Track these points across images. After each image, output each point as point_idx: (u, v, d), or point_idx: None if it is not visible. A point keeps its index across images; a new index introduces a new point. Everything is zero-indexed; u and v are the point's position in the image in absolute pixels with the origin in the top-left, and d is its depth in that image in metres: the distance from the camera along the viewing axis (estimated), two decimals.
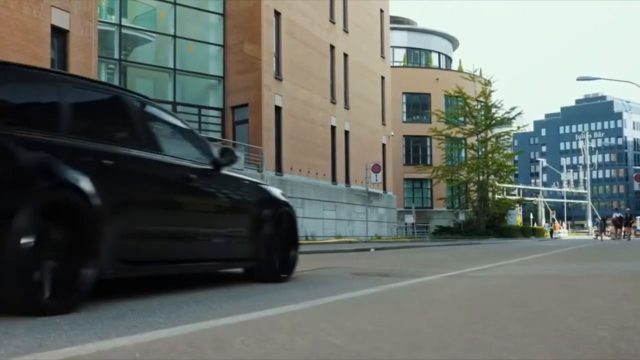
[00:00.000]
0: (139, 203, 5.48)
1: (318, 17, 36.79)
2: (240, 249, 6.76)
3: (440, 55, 69.60)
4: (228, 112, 32.37)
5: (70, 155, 4.74)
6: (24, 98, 4.96)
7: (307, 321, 3.82)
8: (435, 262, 12.61)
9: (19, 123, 4.57)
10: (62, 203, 4.45)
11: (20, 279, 4.05)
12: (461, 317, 3.90)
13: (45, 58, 20.17)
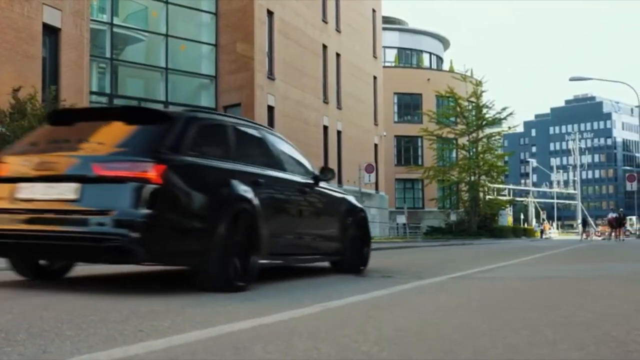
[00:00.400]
0: (278, 210, 7.17)
1: (311, 17, 36.62)
2: (333, 246, 8.45)
3: (432, 56, 69.57)
4: (220, 111, 32.10)
5: (243, 176, 6.45)
6: (210, 136, 6.60)
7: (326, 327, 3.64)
8: (435, 263, 12.46)
9: (210, 154, 6.35)
10: (241, 212, 6.17)
11: (221, 267, 5.79)
12: (486, 321, 3.74)
13: (36, 56, 19.92)
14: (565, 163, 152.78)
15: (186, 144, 6.02)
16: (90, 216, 5.45)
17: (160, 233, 5.51)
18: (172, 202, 5.69)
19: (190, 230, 5.83)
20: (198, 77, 32.70)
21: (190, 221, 5.85)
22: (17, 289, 5.86)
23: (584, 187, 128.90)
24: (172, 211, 5.69)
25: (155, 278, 7.02)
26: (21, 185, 5.73)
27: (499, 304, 4.75)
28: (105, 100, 28.61)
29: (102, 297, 5.33)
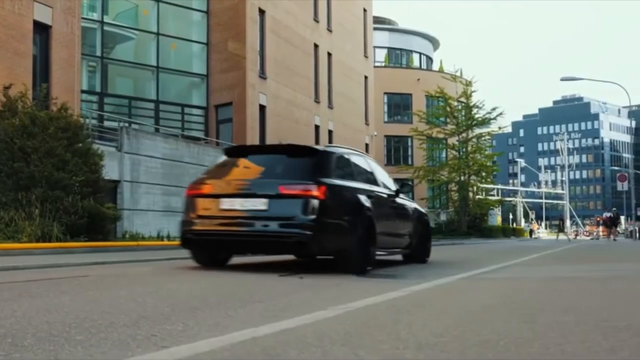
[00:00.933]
0: (380, 215, 9.39)
1: (302, 16, 36.40)
2: (407, 241, 11.15)
3: (421, 56, 69.49)
4: (211, 110, 31.85)
5: (363, 192, 9.16)
6: (342, 163, 9.26)
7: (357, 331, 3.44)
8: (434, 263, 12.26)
9: (344, 176, 9.00)
10: (368, 218, 8.84)
11: (360, 256, 8.42)
12: (525, 325, 3.55)
13: (27, 54, 19.60)
14: (553, 163, 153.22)
15: (331, 170, 8.74)
16: (277, 221, 8.00)
17: (324, 233, 8.04)
18: (330, 211, 8.14)
19: (341, 230, 8.37)
20: (189, 76, 32.39)
21: (341, 224, 8.41)
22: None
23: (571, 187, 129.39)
24: (330, 217, 8.17)
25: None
26: (224, 200, 8.34)
27: (526, 306, 4.55)
28: (96, 98, 28.29)
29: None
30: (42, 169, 15.17)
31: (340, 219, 8.41)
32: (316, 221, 7.91)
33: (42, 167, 15.18)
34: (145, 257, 12.98)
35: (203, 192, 8.77)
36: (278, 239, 8.10)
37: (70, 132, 16.13)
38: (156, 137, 24.64)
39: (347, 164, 9.47)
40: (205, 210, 8.61)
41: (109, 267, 10.10)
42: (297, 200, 8.00)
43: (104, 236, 16.27)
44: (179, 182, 24.96)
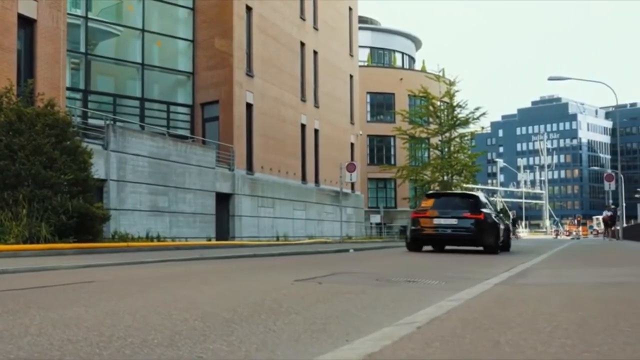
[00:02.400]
0: (503, 227, 19.01)
1: (289, 13, 35.94)
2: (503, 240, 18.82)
3: (404, 56, 69.22)
4: (197, 108, 31.28)
5: (495, 216, 19.02)
6: (485, 200, 19.71)
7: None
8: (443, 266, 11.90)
9: (487, 206, 19.15)
10: (497, 229, 18.08)
11: (496, 246, 17.58)
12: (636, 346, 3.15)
13: (11, 49, 19.01)
14: (532, 163, 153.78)
15: (482, 205, 18.04)
16: (461, 229, 17.32)
17: (482, 235, 17.21)
18: (484, 225, 17.27)
19: (488, 234, 17.27)
20: (175, 74, 31.79)
21: (488, 231, 17.30)
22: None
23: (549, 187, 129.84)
24: (484, 228, 17.24)
25: None
26: (434, 219, 17.58)
27: (610, 318, 4.14)
28: (79, 96, 27.64)
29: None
30: (29, 167, 14.63)
31: (488, 229, 17.51)
32: (478, 230, 17.30)
33: (30, 165, 14.64)
34: (140, 259, 12.50)
35: (423, 215, 18.02)
36: (462, 237, 17.67)
37: (58, 129, 15.59)
38: (143, 135, 24.09)
39: (486, 202, 19.67)
40: (425, 224, 17.85)
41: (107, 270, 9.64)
42: (471, 220, 17.41)
43: (94, 237, 15.75)
44: (166, 181, 24.47)
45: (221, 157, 29.10)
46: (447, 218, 17.36)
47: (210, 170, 27.39)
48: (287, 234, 32.40)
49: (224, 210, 28.88)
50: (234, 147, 29.72)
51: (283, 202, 33.60)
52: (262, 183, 31.78)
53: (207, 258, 14.16)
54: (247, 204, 30.26)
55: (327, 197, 38.99)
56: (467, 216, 17.25)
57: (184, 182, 25.47)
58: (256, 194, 31.11)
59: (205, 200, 26.76)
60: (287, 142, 35.07)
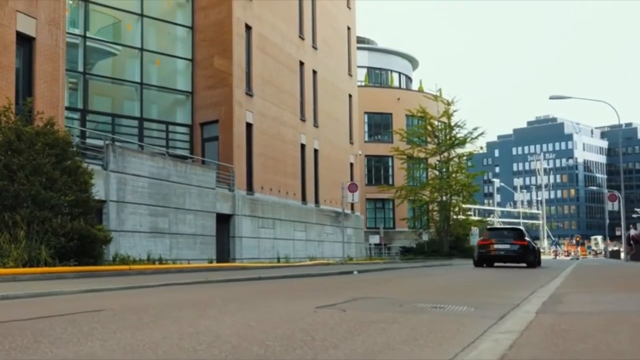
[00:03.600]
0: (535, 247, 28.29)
1: (288, 32, 35.65)
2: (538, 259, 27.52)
3: (401, 75, 69.08)
4: (197, 128, 30.86)
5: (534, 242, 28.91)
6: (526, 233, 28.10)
7: None
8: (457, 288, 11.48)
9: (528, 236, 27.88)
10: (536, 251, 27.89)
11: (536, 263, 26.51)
12: None
13: (9, 67, 18.58)
14: (528, 183, 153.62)
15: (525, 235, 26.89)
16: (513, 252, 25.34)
17: (526, 255, 25.42)
18: (528, 249, 25.64)
19: (531, 255, 25.77)
20: (173, 93, 31.40)
21: (530, 252, 25.80)
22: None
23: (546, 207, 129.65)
24: (528, 251, 25.62)
25: None
26: (494, 245, 25.55)
27: None
28: (77, 115, 27.21)
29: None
30: (28, 188, 14.16)
31: (529, 251, 25.46)
32: (523, 252, 25.24)
33: (29, 185, 14.17)
34: (144, 283, 12.04)
35: (486, 242, 25.92)
36: (512, 257, 25.43)
37: (58, 149, 15.14)
38: (143, 155, 23.63)
39: (526, 233, 27.55)
40: (488, 248, 25.56)
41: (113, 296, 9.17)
42: (518, 245, 25.19)
43: (95, 260, 15.26)
44: (166, 202, 23.99)
45: (221, 177, 28.66)
46: (502, 244, 25.48)
47: (211, 190, 26.94)
48: (287, 256, 31.89)
49: (224, 232, 28.40)
50: (234, 167, 29.30)
51: (283, 222, 33.13)
52: (263, 204, 31.32)
53: (212, 281, 13.70)
54: (247, 225, 29.78)
55: (327, 218, 38.53)
56: (515, 243, 25.42)
57: (184, 202, 25.01)
58: (256, 215, 30.64)
59: (205, 221, 26.28)
60: (287, 162, 34.67)
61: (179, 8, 31.77)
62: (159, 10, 30.94)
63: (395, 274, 19.71)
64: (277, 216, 32.58)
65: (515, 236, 26.04)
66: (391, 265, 30.31)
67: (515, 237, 25.85)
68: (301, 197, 36.10)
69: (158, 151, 27.05)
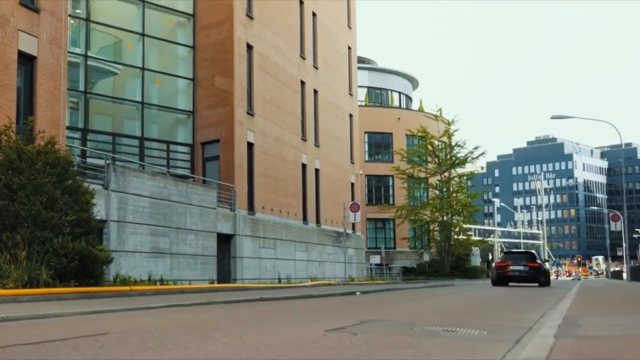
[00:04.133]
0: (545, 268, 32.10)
1: (289, 52, 35.63)
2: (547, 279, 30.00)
3: (401, 95, 69.10)
4: (198, 148, 30.73)
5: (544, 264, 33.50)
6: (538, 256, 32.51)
7: None
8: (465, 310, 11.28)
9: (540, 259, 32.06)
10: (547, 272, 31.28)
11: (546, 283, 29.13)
12: None
13: (11, 86, 18.51)
14: (528, 203, 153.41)
15: (538, 257, 30.59)
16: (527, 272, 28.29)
17: (538, 276, 28.26)
18: (540, 270, 28.70)
19: (542, 275, 28.72)
20: (174, 112, 31.31)
21: (542, 273, 28.82)
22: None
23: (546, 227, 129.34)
24: (540, 272, 28.65)
25: None
26: (510, 267, 28.55)
27: None
28: (78, 135, 27.10)
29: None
30: (29, 208, 13.98)
31: (541, 273, 28.56)
32: (536, 273, 28.20)
33: (30, 205, 14.00)
34: (145, 304, 11.85)
35: (503, 264, 29.20)
36: (526, 277, 28.31)
37: (59, 168, 14.99)
38: (144, 175, 23.49)
39: (538, 256, 31.08)
40: (505, 269, 28.58)
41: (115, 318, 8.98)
42: (532, 267, 28.32)
43: (95, 280, 15.06)
44: (167, 222, 23.81)
45: (222, 197, 28.49)
46: (517, 266, 28.50)
47: (212, 210, 26.77)
48: (289, 276, 31.64)
49: (225, 252, 28.20)
50: (235, 187, 29.14)
51: (284, 243, 32.93)
52: (264, 223, 31.13)
53: (214, 303, 13.49)
54: (248, 245, 29.59)
55: (328, 238, 38.33)
56: (529, 265, 28.48)
57: (185, 222, 24.82)
58: (257, 235, 30.45)
59: (206, 242, 26.08)
60: (288, 182, 34.52)
61: (180, 27, 31.76)
62: (160, 30, 30.93)
63: (399, 295, 19.49)
64: (278, 236, 32.39)
65: (528, 259, 29.24)
66: (393, 285, 30.07)
67: (529, 260, 29.02)
68: (302, 217, 35.91)
69: (159, 171, 26.92)
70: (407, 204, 53.14)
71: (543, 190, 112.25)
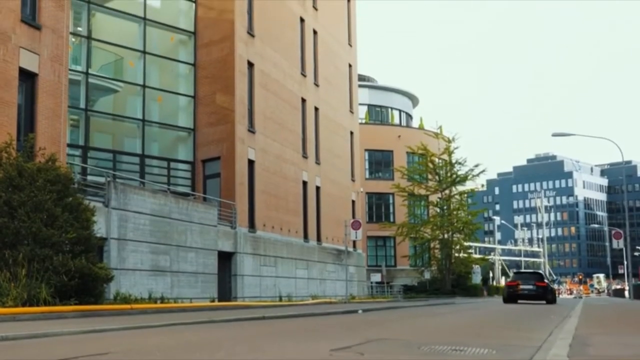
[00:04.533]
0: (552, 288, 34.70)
1: (289, 69, 35.62)
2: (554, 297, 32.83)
3: (401, 113, 69.12)
4: (198, 165, 30.64)
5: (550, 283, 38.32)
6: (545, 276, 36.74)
7: None
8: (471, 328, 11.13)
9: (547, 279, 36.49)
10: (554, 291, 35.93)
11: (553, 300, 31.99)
12: None
13: (11, 103, 18.42)
14: (528, 221, 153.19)
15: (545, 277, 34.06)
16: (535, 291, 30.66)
17: (546, 294, 30.56)
18: (547, 289, 31.07)
19: (550, 294, 31.09)
20: (175, 130, 31.25)
21: (549, 292, 31.20)
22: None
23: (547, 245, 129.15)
24: (547, 290, 31.06)
25: None
26: (520, 286, 31.06)
27: None
28: (79, 152, 27.02)
29: None
30: (29, 225, 13.86)
31: (548, 291, 30.90)
32: (543, 291, 30.57)
33: (30, 222, 13.87)
34: (146, 323, 11.70)
35: (513, 284, 31.78)
36: (534, 295, 30.58)
37: (60, 185, 14.88)
38: (144, 192, 23.37)
39: (545, 276, 34.15)
40: (515, 288, 31.14)
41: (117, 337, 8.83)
42: (540, 286, 30.74)
43: (95, 299, 14.90)
44: (168, 239, 23.66)
45: (223, 214, 28.35)
46: (527, 285, 30.88)
47: (212, 228, 26.64)
48: (290, 294, 31.45)
49: (226, 270, 28.03)
50: (236, 205, 29.01)
51: (285, 260, 32.76)
52: (264, 241, 30.98)
53: (216, 321, 13.35)
54: (249, 263, 29.42)
55: (329, 256, 38.17)
56: (537, 284, 30.88)
57: (186, 240, 24.68)
58: (258, 253, 30.30)
59: (207, 260, 25.92)
60: (289, 199, 34.40)
61: (182, 45, 31.78)
62: (161, 47, 30.93)
63: (402, 313, 19.32)
64: (279, 254, 32.23)
65: (536, 279, 32.18)
66: (395, 304, 29.89)
67: (537, 280, 31.91)
68: (303, 235, 35.76)
69: (160, 188, 26.80)
70: (407, 222, 52.97)
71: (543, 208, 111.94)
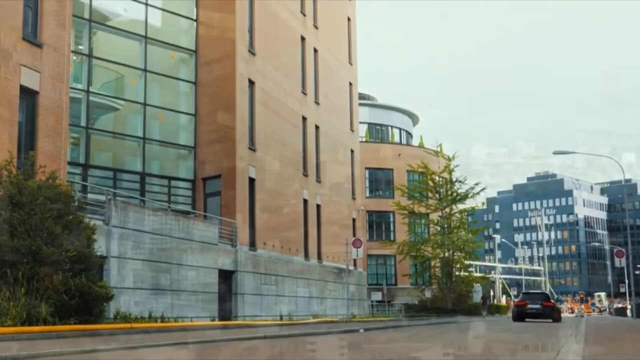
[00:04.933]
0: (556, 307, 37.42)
1: (290, 88, 35.64)
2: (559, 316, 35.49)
3: (401, 131, 69.14)
4: (199, 183, 30.55)
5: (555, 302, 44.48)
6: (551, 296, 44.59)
7: None
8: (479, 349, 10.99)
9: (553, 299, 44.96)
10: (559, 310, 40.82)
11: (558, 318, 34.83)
12: None
13: (12, 120, 18.36)
14: (529, 239, 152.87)
15: (551, 297, 38.32)
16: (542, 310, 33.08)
17: (551, 313, 33.27)
18: (552, 308, 33.99)
19: (555, 313, 33.98)
20: (176, 148, 31.19)
21: (555, 311, 34.30)
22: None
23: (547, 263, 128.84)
24: (553, 309, 34.15)
25: None
26: (528, 305, 33.73)
27: None
28: (79, 170, 26.94)
29: None
30: (29, 243, 13.74)
31: (554, 310, 34.00)
32: (550, 310, 33.21)
33: (30, 240, 13.75)
34: (147, 342, 11.56)
35: (522, 304, 34.30)
36: (541, 314, 32.94)
37: (60, 203, 14.78)
38: (145, 210, 23.28)
39: (551, 296, 41.72)
40: (523, 307, 33.71)
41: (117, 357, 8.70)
42: (547, 306, 33.43)
43: (95, 318, 14.75)
44: (168, 258, 23.54)
45: (223, 232, 28.22)
46: (534, 304, 33.20)
47: (213, 246, 26.51)
48: (290, 313, 31.24)
49: (227, 288, 27.86)
50: (237, 223, 28.89)
51: (286, 279, 32.58)
52: (265, 260, 30.83)
53: (218, 341, 13.22)
54: (250, 282, 29.25)
55: (330, 274, 37.99)
56: (544, 304, 33.25)
57: (186, 259, 24.55)
58: (259, 271, 30.14)
59: (207, 278, 25.77)
60: (289, 218, 34.30)
61: (183, 63, 31.80)
62: (162, 66, 30.93)
63: (404, 333, 19.18)
64: (280, 272, 32.06)
65: (543, 298, 34.89)
66: (396, 323, 29.74)
67: (543, 299, 34.58)
68: (304, 253, 35.62)
69: (160, 206, 26.70)
70: (408, 240, 52.79)
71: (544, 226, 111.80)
